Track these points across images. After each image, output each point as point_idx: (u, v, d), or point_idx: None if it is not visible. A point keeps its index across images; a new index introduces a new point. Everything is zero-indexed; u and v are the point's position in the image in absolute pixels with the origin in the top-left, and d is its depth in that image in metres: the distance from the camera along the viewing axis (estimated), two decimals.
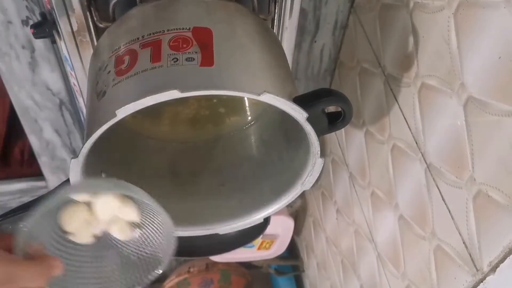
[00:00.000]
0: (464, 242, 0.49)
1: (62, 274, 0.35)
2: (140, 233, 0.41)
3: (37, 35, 0.50)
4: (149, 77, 0.34)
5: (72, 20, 0.44)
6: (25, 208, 0.50)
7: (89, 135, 0.34)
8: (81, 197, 0.38)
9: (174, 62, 0.34)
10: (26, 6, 0.63)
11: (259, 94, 0.33)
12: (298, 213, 1.21)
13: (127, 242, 0.41)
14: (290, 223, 1.08)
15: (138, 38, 0.37)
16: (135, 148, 0.52)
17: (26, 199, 0.95)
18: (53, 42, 0.51)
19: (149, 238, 0.41)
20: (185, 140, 0.55)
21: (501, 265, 0.43)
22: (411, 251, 0.62)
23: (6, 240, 0.34)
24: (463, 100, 0.46)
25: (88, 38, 0.46)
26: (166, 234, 0.40)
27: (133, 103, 0.32)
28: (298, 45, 0.78)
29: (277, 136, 0.51)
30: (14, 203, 0.95)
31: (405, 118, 0.59)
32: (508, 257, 0.42)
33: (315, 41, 0.79)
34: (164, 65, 0.34)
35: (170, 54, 0.35)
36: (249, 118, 0.54)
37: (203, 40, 0.36)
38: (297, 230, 1.23)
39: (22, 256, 0.34)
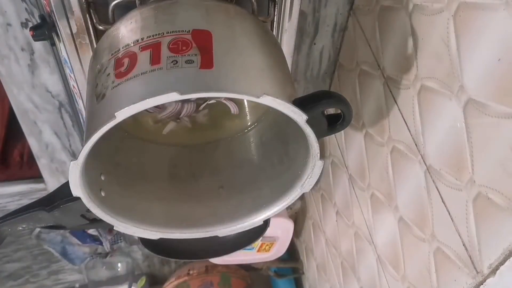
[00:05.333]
0: (464, 244, 0.49)
1: None
2: None
3: (36, 38, 0.50)
4: (149, 79, 0.34)
5: (71, 22, 0.44)
6: (24, 211, 0.50)
7: (88, 138, 0.34)
8: None
9: (174, 64, 0.34)
10: (26, 9, 0.63)
11: (258, 97, 0.33)
12: (297, 215, 1.21)
13: None
14: (289, 225, 1.08)
15: (137, 41, 0.37)
16: (134, 151, 0.52)
17: (25, 201, 0.95)
18: (53, 44, 0.51)
19: None
20: (185, 143, 0.55)
21: (501, 267, 0.43)
22: (411, 253, 0.61)
23: None
24: (463, 102, 0.46)
25: (87, 41, 0.46)
26: None
27: (132, 105, 0.32)
28: (297, 47, 0.78)
29: (276, 139, 0.51)
30: (13, 206, 0.95)
31: (404, 120, 0.59)
32: (508, 259, 0.42)
33: (315, 43, 0.79)
34: (164, 68, 0.34)
35: (169, 57, 0.35)
36: (249, 121, 0.54)
37: (203, 43, 0.36)
38: (297, 232, 1.22)
39: None
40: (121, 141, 0.50)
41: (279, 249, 1.15)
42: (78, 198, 0.39)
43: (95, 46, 0.46)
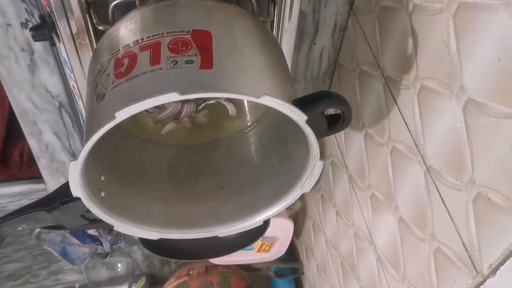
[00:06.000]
0: (464, 245, 0.49)
1: None
2: None
3: (36, 38, 0.50)
4: (149, 79, 0.34)
5: (71, 22, 0.44)
6: (24, 211, 0.50)
7: (88, 138, 0.34)
8: None
9: (174, 64, 0.34)
10: (25, 9, 0.63)
11: (258, 97, 0.33)
12: (297, 216, 1.21)
13: None
14: (289, 226, 1.08)
15: (137, 41, 0.37)
16: (134, 151, 0.52)
17: (25, 201, 0.95)
18: (52, 44, 0.51)
19: None
20: (185, 143, 0.55)
21: (501, 268, 0.43)
22: (411, 254, 0.61)
23: None
24: (463, 102, 0.46)
25: (87, 41, 0.46)
26: None
27: (132, 105, 0.32)
28: (297, 48, 0.78)
29: (276, 139, 0.51)
30: (13, 206, 0.95)
31: (404, 120, 0.59)
32: (508, 260, 0.42)
33: (314, 44, 0.79)
34: (164, 68, 0.34)
35: (169, 57, 0.35)
36: (249, 121, 0.54)
37: (203, 43, 0.36)
38: (297, 233, 1.22)
39: None
40: (121, 141, 0.50)
41: (279, 249, 1.15)
42: (78, 199, 0.39)
43: (95, 46, 0.46)
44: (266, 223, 0.49)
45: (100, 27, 0.45)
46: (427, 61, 0.53)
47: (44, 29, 0.49)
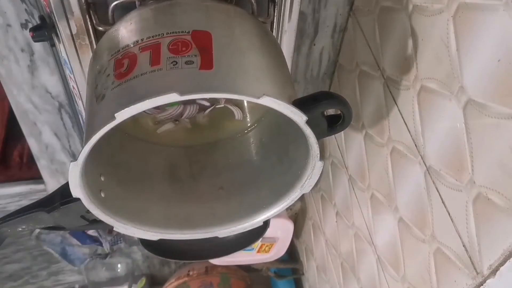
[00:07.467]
0: (464, 245, 0.49)
1: None
2: None
3: (36, 38, 0.50)
4: (148, 80, 0.34)
5: (71, 23, 0.44)
6: (23, 212, 0.50)
7: (88, 138, 0.34)
8: None
9: (174, 65, 0.34)
10: (25, 9, 0.63)
11: (258, 97, 0.33)
12: (297, 216, 1.21)
13: None
14: (289, 226, 1.08)
15: (137, 41, 0.37)
16: (134, 152, 0.52)
17: (25, 202, 0.95)
18: (52, 45, 0.51)
19: None
20: (185, 144, 0.55)
21: (501, 268, 0.43)
22: (411, 254, 0.61)
23: None
24: (463, 103, 0.46)
25: (87, 41, 0.46)
26: None
27: (132, 106, 0.32)
28: (297, 48, 0.79)
29: (276, 140, 0.51)
30: (13, 207, 0.95)
31: (404, 121, 0.59)
32: (508, 260, 0.42)
33: (314, 44, 0.79)
34: (164, 69, 0.34)
35: (169, 58, 0.35)
36: (249, 122, 0.54)
37: (203, 44, 0.36)
38: (297, 233, 1.23)
39: None
40: (121, 142, 0.50)
41: (279, 250, 1.15)
42: (78, 199, 0.39)
43: (95, 47, 0.46)
44: (266, 224, 0.49)
45: (100, 28, 0.45)
46: (427, 62, 0.53)
47: (44, 30, 0.49)
